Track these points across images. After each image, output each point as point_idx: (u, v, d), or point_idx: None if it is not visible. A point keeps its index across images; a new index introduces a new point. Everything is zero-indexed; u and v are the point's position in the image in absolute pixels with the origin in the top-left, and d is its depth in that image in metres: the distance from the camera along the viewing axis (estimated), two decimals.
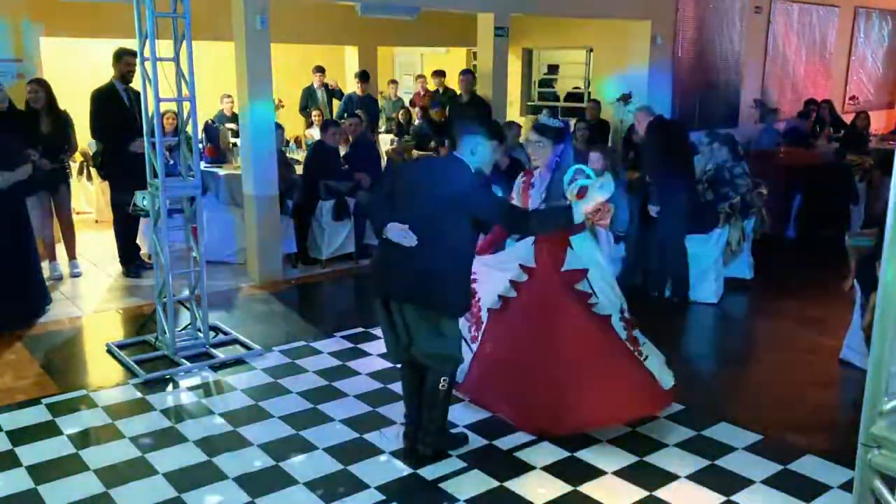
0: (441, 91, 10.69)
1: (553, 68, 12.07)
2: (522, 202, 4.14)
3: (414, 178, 3.70)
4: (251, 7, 6.29)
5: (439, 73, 10.91)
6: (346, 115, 9.00)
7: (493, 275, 4.11)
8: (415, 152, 9.40)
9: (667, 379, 4.06)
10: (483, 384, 4.13)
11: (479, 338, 4.15)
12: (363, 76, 10.11)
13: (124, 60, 6.33)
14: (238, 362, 5.00)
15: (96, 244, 7.71)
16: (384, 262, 3.66)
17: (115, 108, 6.44)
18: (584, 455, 3.81)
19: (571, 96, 11.55)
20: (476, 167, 3.57)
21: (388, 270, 3.62)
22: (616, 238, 5.88)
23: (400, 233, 3.45)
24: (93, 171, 8.36)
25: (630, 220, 6.37)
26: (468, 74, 8.69)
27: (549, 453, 3.82)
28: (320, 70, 10.28)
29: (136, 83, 5.38)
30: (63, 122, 6.48)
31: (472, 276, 3.77)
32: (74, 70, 8.73)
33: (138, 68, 4.87)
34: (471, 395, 4.23)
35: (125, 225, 6.82)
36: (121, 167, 6.43)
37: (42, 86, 6.34)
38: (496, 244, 4.35)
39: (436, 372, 3.64)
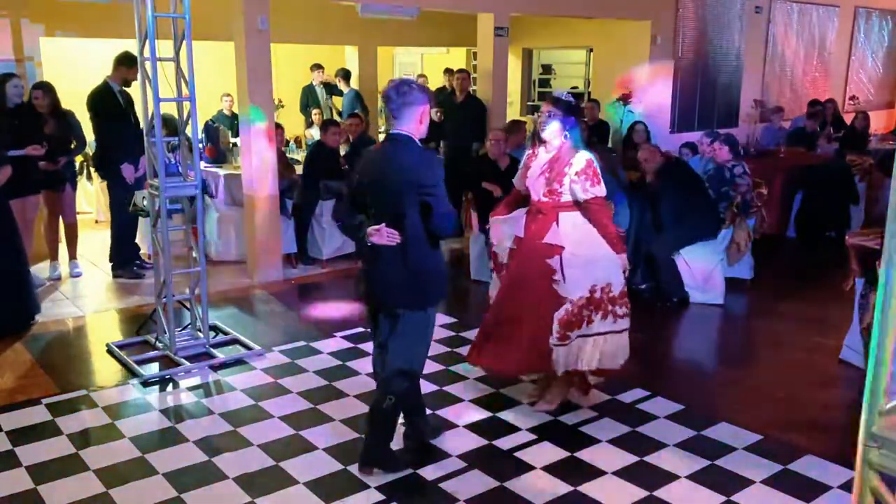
0: (450, 90, 10.67)
1: (547, 68, 12.05)
2: (521, 176, 4.22)
3: (368, 173, 3.47)
4: (251, 7, 6.29)
5: (449, 71, 10.87)
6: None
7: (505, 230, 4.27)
8: None
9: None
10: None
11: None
12: (346, 75, 10.08)
13: (135, 69, 5.94)
14: (238, 362, 5.00)
15: (96, 244, 7.71)
16: (364, 268, 3.56)
17: (111, 107, 6.43)
18: (584, 455, 3.82)
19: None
20: (420, 136, 3.43)
21: (365, 276, 3.54)
22: None
23: (379, 236, 3.32)
24: (93, 171, 8.35)
25: (630, 219, 6.37)
26: (464, 73, 8.67)
27: (549, 453, 3.83)
28: (318, 67, 10.27)
29: (136, 85, 5.36)
30: (66, 122, 6.46)
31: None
32: (74, 70, 8.72)
33: (139, 68, 4.87)
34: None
35: (124, 225, 6.81)
36: (118, 168, 6.44)
37: (47, 92, 6.30)
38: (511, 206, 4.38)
39: (386, 387, 3.53)
